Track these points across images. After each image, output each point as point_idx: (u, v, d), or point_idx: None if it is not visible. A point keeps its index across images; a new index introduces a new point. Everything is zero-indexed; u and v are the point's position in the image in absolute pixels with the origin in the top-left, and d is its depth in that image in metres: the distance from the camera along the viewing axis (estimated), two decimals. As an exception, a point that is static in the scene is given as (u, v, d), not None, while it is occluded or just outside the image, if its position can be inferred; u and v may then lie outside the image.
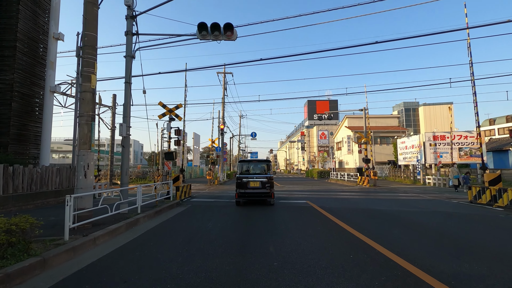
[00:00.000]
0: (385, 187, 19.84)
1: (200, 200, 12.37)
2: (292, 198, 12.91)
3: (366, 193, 15.66)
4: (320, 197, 13.54)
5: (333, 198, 13.18)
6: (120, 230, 6.23)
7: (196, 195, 14.76)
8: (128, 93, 8.52)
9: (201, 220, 7.55)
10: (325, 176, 35.79)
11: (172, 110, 12.39)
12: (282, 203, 11.03)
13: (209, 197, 13.68)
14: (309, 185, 23.08)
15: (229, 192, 16.61)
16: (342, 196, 13.81)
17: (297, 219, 7.64)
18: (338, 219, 7.33)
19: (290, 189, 18.91)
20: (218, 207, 10.18)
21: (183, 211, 9.34)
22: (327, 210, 8.90)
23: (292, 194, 15.26)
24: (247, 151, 72.94)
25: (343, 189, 18.28)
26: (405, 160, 25.25)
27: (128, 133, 8.40)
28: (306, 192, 16.50)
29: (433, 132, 22.00)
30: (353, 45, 10.50)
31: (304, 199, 12.30)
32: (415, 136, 23.95)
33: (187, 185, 13.54)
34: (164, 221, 7.68)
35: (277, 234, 5.78)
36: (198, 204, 11.21)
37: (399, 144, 26.54)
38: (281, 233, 5.87)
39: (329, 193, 15.53)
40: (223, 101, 30.04)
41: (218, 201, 12.14)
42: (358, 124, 42.07)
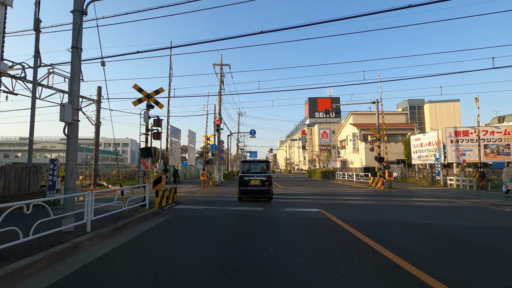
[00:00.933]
0: (402, 189, 17.44)
1: (186, 208, 9.94)
2: (300, 205, 10.48)
3: (387, 197, 13.25)
4: (333, 203, 11.12)
5: (350, 204, 10.75)
6: (33, 268, 3.80)
7: (184, 200, 12.32)
8: (76, 62, 6.09)
9: (174, 245, 5.12)
10: (329, 176, 33.39)
11: (150, 95, 9.96)
12: (289, 213, 8.60)
13: (199, 203, 11.25)
14: (314, 186, 20.66)
15: (224, 195, 14.15)
16: (360, 202, 11.40)
17: (316, 242, 5.21)
18: (379, 244, 4.90)
19: (295, 191, 16.47)
20: (206, 219, 7.75)
21: (156, 226, 6.91)
22: (353, 226, 6.47)
23: (298, 198, 12.82)
24: (246, 150, 70.56)
25: (357, 192, 15.87)
26: (420, 159, 22.86)
27: (75, 117, 5.96)
28: (315, 196, 14.07)
29: (454, 127, 19.62)
30: (364, 13, 7.91)
31: (315, 207, 9.88)
32: (432, 132, 21.57)
33: (170, 188, 11.10)
34: (121, 244, 5.26)
35: (290, 279, 3.35)
36: (182, 213, 8.78)
37: (412, 142, 24.16)
38: (296, 274, 3.44)
39: (343, 198, 13.11)
40: (219, 94, 27.61)
41: (208, 209, 9.71)
42: (364, 121, 39.69)
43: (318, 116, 69.11)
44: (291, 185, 22.57)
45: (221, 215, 8.22)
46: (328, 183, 24.30)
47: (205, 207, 9.99)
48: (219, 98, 27.55)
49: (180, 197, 13.46)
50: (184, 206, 10.41)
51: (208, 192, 16.24)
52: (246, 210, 9.12)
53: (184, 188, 19.31)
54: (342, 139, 44.17)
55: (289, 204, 10.81)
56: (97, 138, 23.29)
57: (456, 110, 61.89)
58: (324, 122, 67.34)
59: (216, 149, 26.26)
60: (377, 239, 5.20)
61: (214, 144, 25.87)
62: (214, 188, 19.42)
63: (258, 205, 10.57)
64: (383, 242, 5.03)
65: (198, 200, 12.41)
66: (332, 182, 26.48)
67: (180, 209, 9.63)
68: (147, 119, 9.85)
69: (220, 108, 27.46)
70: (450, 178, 18.32)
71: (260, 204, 10.89)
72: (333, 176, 33.11)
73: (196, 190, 17.56)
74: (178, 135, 31.31)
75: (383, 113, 42.22)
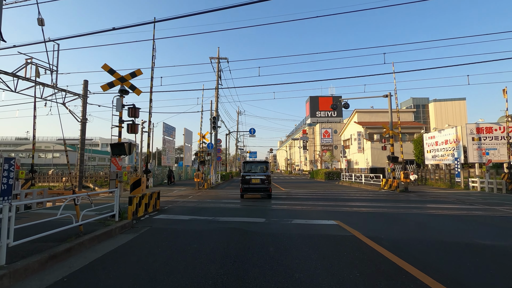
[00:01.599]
0: (420, 192, 15.50)
1: (169, 219, 7.99)
2: (310, 214, 8.53)
3: (409, 203, 11.31)
4: (349, 210, 9.17)
5: (371, 213, 8.80)
6: None
7: (170, 206, 10.36)
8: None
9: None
10: (333, 177, 31.42)
11: (125, 78, 8.02)
12: (299, 227, 6.63)
13: (187, 211, 9.29)
14: (320, 189, 18.70)
15: (220, 201, 12.18)
16: (381, 210, 9.43)
17: (354, 286, 3.25)
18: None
19: (300, 195, 14.51)
20: (190, 237, 5.79)
21: (116, 250, 4.95)
22: (397, 252, 4.51)
23: (305, 204, 10.86)
24: (245, 151, 68.63)
25: (370, 196, 13.92)
26: (435, 158, 20.93)
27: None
28: (324, 201, 12.12)
29: (476, 123, 17.68)
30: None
31: (330, 216, 7.94)
32: (449, 130, 19.64)
33: (152, 193, 9.14)
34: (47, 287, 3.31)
35: None
36: (161, 227, 6.83)
37: (426, 140, 22.22)
38: None
39: (358, 204, 11.16)
40: (216, 89, 25.69)
41: (196, 220, 7.75)
42: (369, 119, 37.78)
43: (320, 115, 67.24)
44: (294, 187, 20.61)
45: (210, 231, 6.26)
46: (334, 185, 22.35)
47: (193, 218, 8.03)
48: (216, 93, 25.64)
49: (167, 203, 11.51)
50: (168, 215, 8.45)
51: (201, 196, 14.28)
52: (243, 223, 7.17)
53: (176, 191, 17.35)
54: (346, 138, 42.22)
55: (297, 212, 8.86)
56: (83, 136, 21.36)
57: (462, 109, 60.03)
58: (326, 121, 65.47)
59: (212, 148, 24.31)
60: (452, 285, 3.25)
61: (210, 143, 23.93)
62: (209, 191, 17.47)
63: (259, 213, 8.63)
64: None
65: (188, 206, 10.45)
66: (337, 184, 24.53)
67: (161, 221, 7.68)
68: (121, 107, 7.90)
69: (217, 104, 25.54)
70: (473, 180, 16.38)
71: (261, 210, 8.95)
72: (337, 178, 31.17)
73: (189, 194, 15.60)
74: (173, 133, 29.38)
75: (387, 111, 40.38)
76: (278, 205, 10.72)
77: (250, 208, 10.02)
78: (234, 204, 10.96)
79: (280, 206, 10.43)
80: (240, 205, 10.68)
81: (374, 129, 35.53)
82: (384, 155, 34.38)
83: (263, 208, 9.95)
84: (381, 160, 33.58)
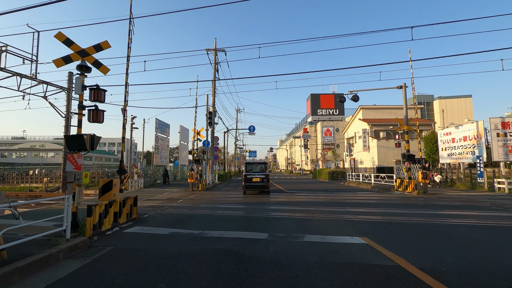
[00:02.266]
0: (440, 194, 13.72)
1: (144, 233, 6.19)
2: (326, 228, 6.72)
3: (441, 209, 9.51)
4: (374, 220, 7.37)
5: (406, 224, 6.98)
6: None
7: (152, 214, 8.56)
8: None
9: None
10: (338, 177, 29.62)
11: (86, 51, 6.21)
12: (314, 249, 4.82)
13: (171, 221, 7.49)
14: (327, 191, 16.91)
15: (214, 205, 10.36)
16: (416, 219, 7.62)
17: None
18: None
19: (307, 198, 12.71)
20: (162, 268, 3.98)
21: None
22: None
23: (316, 211, 9.06)
24: (245, 150, 66.86)
25: (390, 201, 12.14)
26: (451, 157, 19.14)
27: None
28: (338, 207, 10.32)
29: (501, 117, 15.90)
30: None
31: (352, 229, 6.16)
32: (468, 125, 17.86)
33: (125, 199, 7.33)
34: None
35: None
36: (128, 248, 5.03)
37: (440, 137, 20.43)
38: None
39: (381, 211, 9.36)
40: (213, 82, 23.88)
41: (178, 235, 5.95)
42: (375, 116, 36.02)
43: (321, 114, 65.43)
44: (298, 188, 18.81)
45: (192, 256, 4.46)
46: (341, 186, 20.55)
47: (175, 231, 6.23)
48: (213, 86, 23.82)
49: (151, 208, 9.71)
50: (144, 228, 6.65)
51: (194, 200, 12.49)
52: (239, 240, 5.38)
53: (166, 193, 15.56)
54: (350, 136, 40.43)
55: (307, 223, 7.06)
56: (68, 133, 19.60)
57: (468, 106, 58.30)
58: (327, 119, 63.69)
59: (208, 146, 22.50)
60: None
61: (206, 140, 22.12)
62: (204, 193, 15.67)
63: (260, 223, 6.83)
64: None
65: (174, 214, 8.64)
66: (343, 184, 22.73)
67: (132, 236, 5.88)
68: (80, 89, 6.09)
69: (214, 98, 23.73)
70: (500, 181, 14.60)
71: (262, 220, 7.15)
72: (342, 177, 29.39)
73: (180, 196, 13.80)
74: (167, 130, 27.58)
75: (395, 107, 38.56)
76: (282, 211, 8.93)
77: (249, 216, 8.22)
78: (230, 210, 9.16)
79: (285, 213, 8.63)
80: (237, 212, 8.88)
81: (380, 126, 33.77)
82: (391, 153, 32.66)
83: (265, 216, 8.16)
84: (388, 159, 31.81)
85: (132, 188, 18.42)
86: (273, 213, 8.71)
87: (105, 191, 7.09)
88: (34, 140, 79.24)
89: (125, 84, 7.99)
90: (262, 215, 8.36)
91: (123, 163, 7.67)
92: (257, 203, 11.01)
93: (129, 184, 18.16)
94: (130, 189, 18.14)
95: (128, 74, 8.06)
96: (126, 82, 7.99)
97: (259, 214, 8.54)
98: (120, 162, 7.69)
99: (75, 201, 5.92)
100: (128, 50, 8.09)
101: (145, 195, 14.76)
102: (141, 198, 13.23)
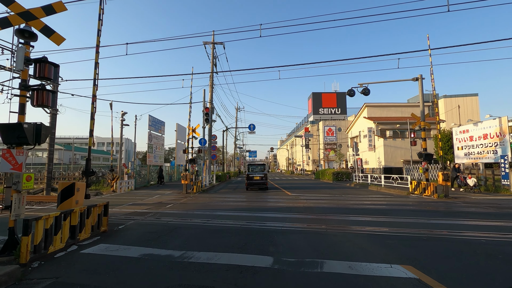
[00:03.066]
0: (466, 199, 12.16)
1: (107, 255, 4.64)
2: (351, 249, 5.14)
3: (478, 218, 7.94)
4: (411, 234, 5.79)
5: (456, 240, 5.40)
6: None
7: (129, 224, 7.00)
8: None
9: None
10: (342, 178, 28.05)
11: (32, 13, 4.67)
12: (341, 287, 3.27)
13: (149, 236, 5.93)
14: (334, 193, 15.34)
15: (208, 212, 8.77)
16: (463, 234, 6.05)
17: None
18: None
19: (315, 204, 11.12)
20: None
21: None
22: None
23: (331, 223, 7.49)
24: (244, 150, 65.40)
25: (411, 206, 10.57)
26: (469, 156, 17.58)
27: None
28: (354, 215, 8.75)
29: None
30: None
31: (386, 253, 4.60)
32: (489, 121, 16.29)
33: (87, 208, 5.75)
34: None
35: None
36: (71, 284, 3.47)
37: (456, 135, 18.86)
38: None
39: (411, 221, 7.79)
40: (211, 77, 22.35)
41: (152, 260, 4.39)
42: (381, 114, 34.46)
43: (323, 113, 63.92)
44: (303, 191, 17.24)
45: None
46: (348, 189, 18.99)
47: (149, 252, 4.67)
48: (211, 81, 22.30)
49: (131, 216, 8.15)
50: (110, 246, 5.09)
51: (185, 204, 10.93)
52: (233, 270, 3.82)
53: (157, 196, 14.02)
54: (354, 135, 38.86)
55: (324, 240, 5.49)
56: (53, 130, 18.03)
57: (474, 105, 56.75)
58: (329, 119, 62.17)
59: (205, 144, 20.96)
60: None
61: (203, 139, 20.58)
62: (198, 197, 14.11)
63: (263, 241, 5.24)
64: None
65: (155, 225, 7.08)
66: (350, 186, 21.16)
67: (89, 260, 4.33)
68: (23, 63, 4.55)
69: (211, 94, 22.21)
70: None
71: (265, 235, 5.57)
72: (347, 178, 27.82)
73: (170, 200, 12.25)
74: (162, 128, 26.04)
75: (401, 105, 36.98)
76: (289, 220, 7.37)
77: (249, 227, 6.66)
78: (225, 219, 7.61)
79: (293, 223, 7.08)
80: (234, 221, 7.33)
81: (386, 125, 32.21)
82: (399, 153, 31.07)
83: (268, 227, 6.60)
84: (396, 158, 30.25)
85: (121, 190, 16.87)
86: (277, 222, 7.15)
87: (65, 198, 5.55)
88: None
89: (95, 64, 6.43)
90: (265, 225, 6.81)
91: (90, 161, 6.11)
92: (258, 209, 9.45)
93: (117, 185, 16.62)
94: (119, 191, 16.60)
95: (98, 52, 6.51)
96: (96, 62, 6.44)
97: (261, 224, 6.99)
98: (86, 161, 6.13)
99: (11, 213, 4.39)
100: (100, 10, 6.50)
101: (133, 198, 13.21)
102: (127, 202, 11.68)
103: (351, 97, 15.29)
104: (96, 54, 6.47)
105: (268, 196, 13.82)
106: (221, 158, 45.63)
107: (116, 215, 8.44)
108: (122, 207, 10.30)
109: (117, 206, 10.48)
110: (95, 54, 6.47)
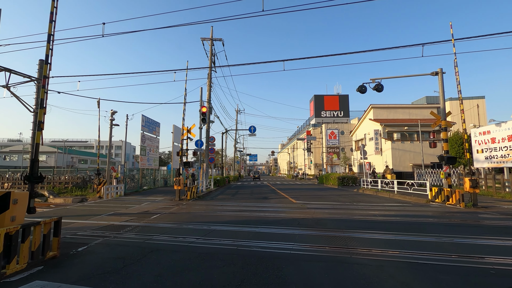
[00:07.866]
0: (499, 209, 10.58)
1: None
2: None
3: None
4: (472, 265, 4.22)
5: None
6: None
7: (92, 246, 5.44)
8: None
9: None
10: (349, 183, 26.40)
11: None
12: None
13: (110, 267, 4.36)
14: (344, 200, 13.77)
15: (201, 225, 7.18)
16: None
17: None
18: None
19: (326, 215, 9.52)
20: None
21: None
22: None
23: (353, 244, 5.91)
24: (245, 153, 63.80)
25: (439, 219, 8.99)
26: (490, 160, 16.02)
27: None
28: (375, 231, 7.20)
29: None
30: None
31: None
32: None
33: (25, 227, 4.17)
34: None
35: None
36: None
37: (475, 137, 17.32)
38: None
39: (458, 242, 6.21)
40: (209, 76, 20.91)
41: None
42: (387, 116, 32.98)
43: (325, 116, 62.51)
44: (308, 198, 15.64)
45: None
46: (357, 195, 17.40)
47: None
48: (209, 79, 20.86)
49: (102, 231, 6.58)
50: (48, 285, 3.53)
51: (174, 215, 9.36)
52: None
53: (145, 204, 12.46)
54: (359, 138, 37.32)
55: (351, 276, 3.89)
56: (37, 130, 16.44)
57: (481, 108, 55.20)
58: (332, 122, 60.75)
59: (202, 146, 19.45)
60: None
61: (199, 140, 19.08)
62: (192, 204, 12.54)
63: (266, 279, 3.63)
64: None
65: (128, 245, 5.52)
66: (358, 192, 19.57)
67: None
68: None
69: (209, 93, 20.75)
70: None
71: (269, 270, 3.95)
72: (353, 183, 26.19)
73: (159, 209, 10.68)
74: (156, 129, 24.53)
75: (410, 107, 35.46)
76: (299, 240, 5.80)
77: (248, 251, 5.08)
78: (218, 237, 6.04)
79: (306, 245, 5.50)
80: (228, 240, 5.76)
81: (394, 127, 30.70)
82: (407, 156, 29.48)
83: (273, 251, 5.03)
84: (404, 162, 28.68)
85: (109, 196, 15.32)
86: (284, 243, 5.58)
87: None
88: (28, 143, 76.35)
89: (48, 36, 4.94)
90: (269, 247, 5.24)
91: (38, 163, 4.60)
92: (260, 222, 7.87)
93: (104, 191, 15.06)
94: (105, 197, 15.05)
95: (55, 21, 5.02)
96: (49, 33, 4.95)
97: (264, 244, 5.42)
98: (31, 162, 4.61)
99: None
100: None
101: (117, 206, 11.65)
102: (107, 211, 10.10)
103: (363, 93, 13.76)
104: (50, 24, 4.97)
105: (271, 205, 12.26)
106: (220, 161, 44.07)
107: (85, 229, 6.88)
108: (99, 218, 8.74)
109: (93, 216, 8.92)
110: (49, 24, 4.97)
